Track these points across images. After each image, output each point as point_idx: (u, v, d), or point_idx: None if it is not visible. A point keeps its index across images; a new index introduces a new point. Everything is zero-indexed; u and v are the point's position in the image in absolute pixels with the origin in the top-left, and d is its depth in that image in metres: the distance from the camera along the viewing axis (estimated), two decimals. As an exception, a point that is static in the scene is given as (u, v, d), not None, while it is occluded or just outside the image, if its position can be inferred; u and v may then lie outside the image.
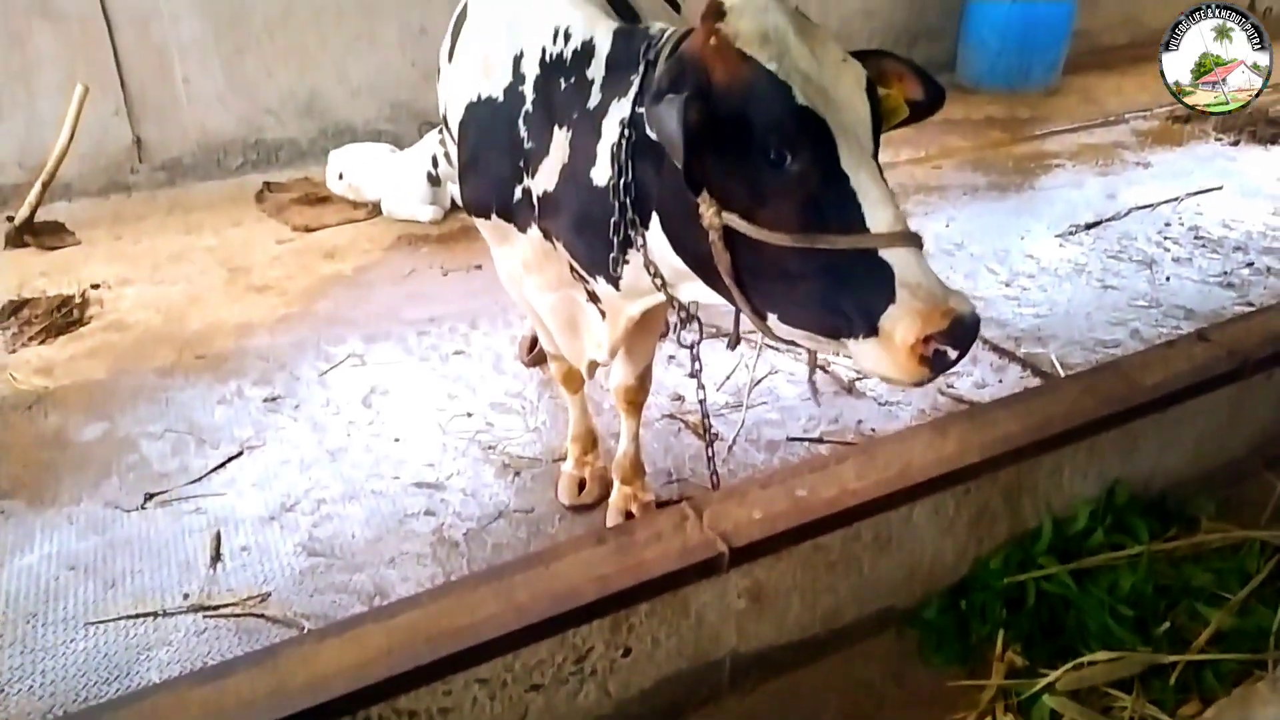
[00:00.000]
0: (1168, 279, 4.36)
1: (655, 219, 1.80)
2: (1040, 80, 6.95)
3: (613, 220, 1.83)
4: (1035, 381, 3.60)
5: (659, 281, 1.89)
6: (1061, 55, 6.98)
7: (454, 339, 3.88)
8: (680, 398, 3.57)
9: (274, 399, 3.54)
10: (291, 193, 5.19)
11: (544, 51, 1.95)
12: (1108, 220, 4.94)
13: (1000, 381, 3.62)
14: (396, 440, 3.34)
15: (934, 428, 1.90)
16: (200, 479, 3.15)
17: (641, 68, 1.78)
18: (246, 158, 5.44)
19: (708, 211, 1.62)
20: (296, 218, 4.93)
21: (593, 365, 2.52)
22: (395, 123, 5.62)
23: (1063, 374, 3.66)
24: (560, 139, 1.93)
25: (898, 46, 7.02)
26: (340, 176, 5.07)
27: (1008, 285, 4.32)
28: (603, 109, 1.85)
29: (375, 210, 4.99)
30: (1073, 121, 6.44)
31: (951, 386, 3.57)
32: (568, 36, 1.92)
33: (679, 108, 1.52)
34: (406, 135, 5.49)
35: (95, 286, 4.32)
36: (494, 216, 2.17)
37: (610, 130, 1.80)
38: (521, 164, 2.02)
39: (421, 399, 3.53)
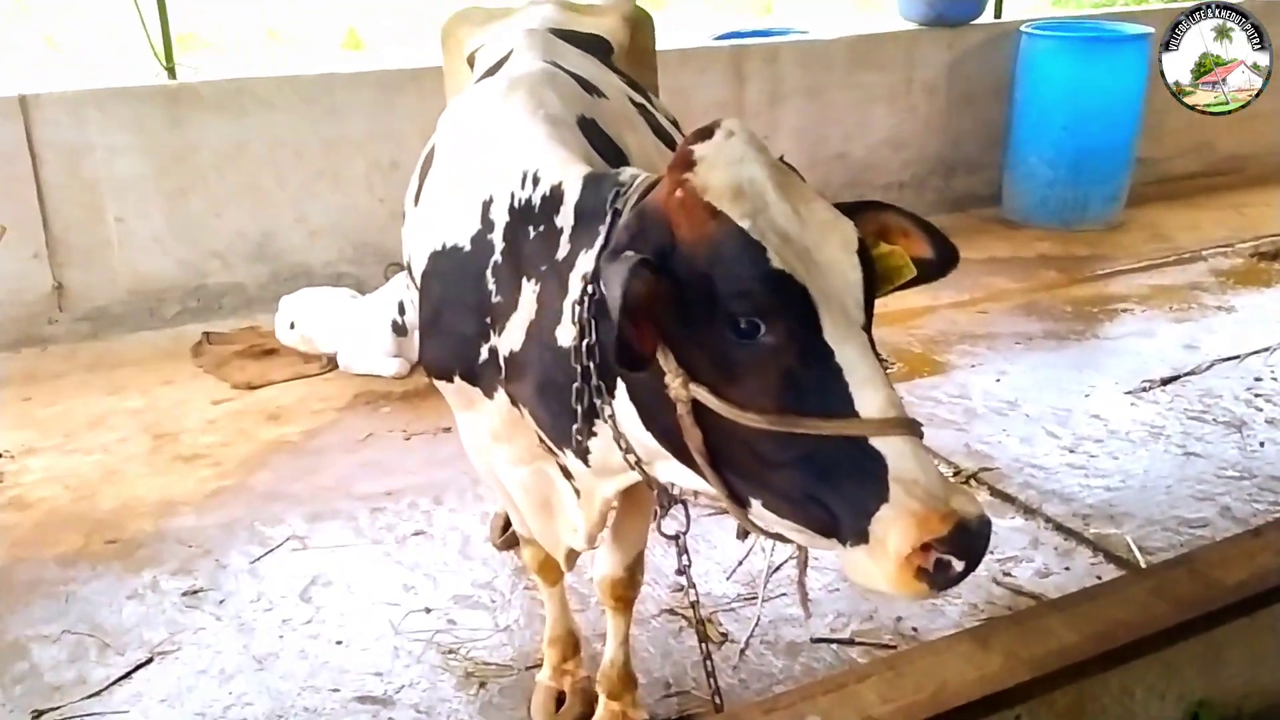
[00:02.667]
0: (1261, 445, 4.37)
1: (622, 387, 1.83)
2: (1099, 214, 7.14)
3: (575, 387, 1.86)
4: (1109, 569, 3.56)
5: (632, 458, 1.91)
6: (1123, 186, 7.20)
7: (414, 517, 3.89)
8: (681, 588, 3.49)
9: (194, 593, 3.52)
10: (235, 345, 5.32)
11: (513, 197, 2.03)
12: (1187, 375, 4.99)
13: (1068, 569, 3.59)
14: (338, 643, 3.30)
15: (975, 638, 1.85)
16: (99, 693, 3.09)
17: (608, 217, 1.84)
18: (185, 306, 5.59)
19: (674, 382, 1.65)
20: (238, 374, 5.03)
21: (571, 554, 2.52)
22: (359, 264, 5.79)
23: (1141, 560, 3.62)
24: (528, 293, 1.99)
25: (933, 179, 7.27)
26: (292, 325, 5.18)
27: (1071, 451, 4.34)
28: (570, 261, 1.91)
29: (331, 364, 5.08)
30: (1139, 260, 6.58)
31: (1009, 575, 3.53)
32: (536, 180, 2.00)
33: (625, 271, 1.56)
34: (371, 278, 5.62)
35: (-5, 457, 4.34)
36: (457, 379, 2.22)
37: (576, 285, 1.86)
38: (488, 320, 2.08)
39: (371, 592, 3.51)
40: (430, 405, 4.71)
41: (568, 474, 2.22)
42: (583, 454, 2.01)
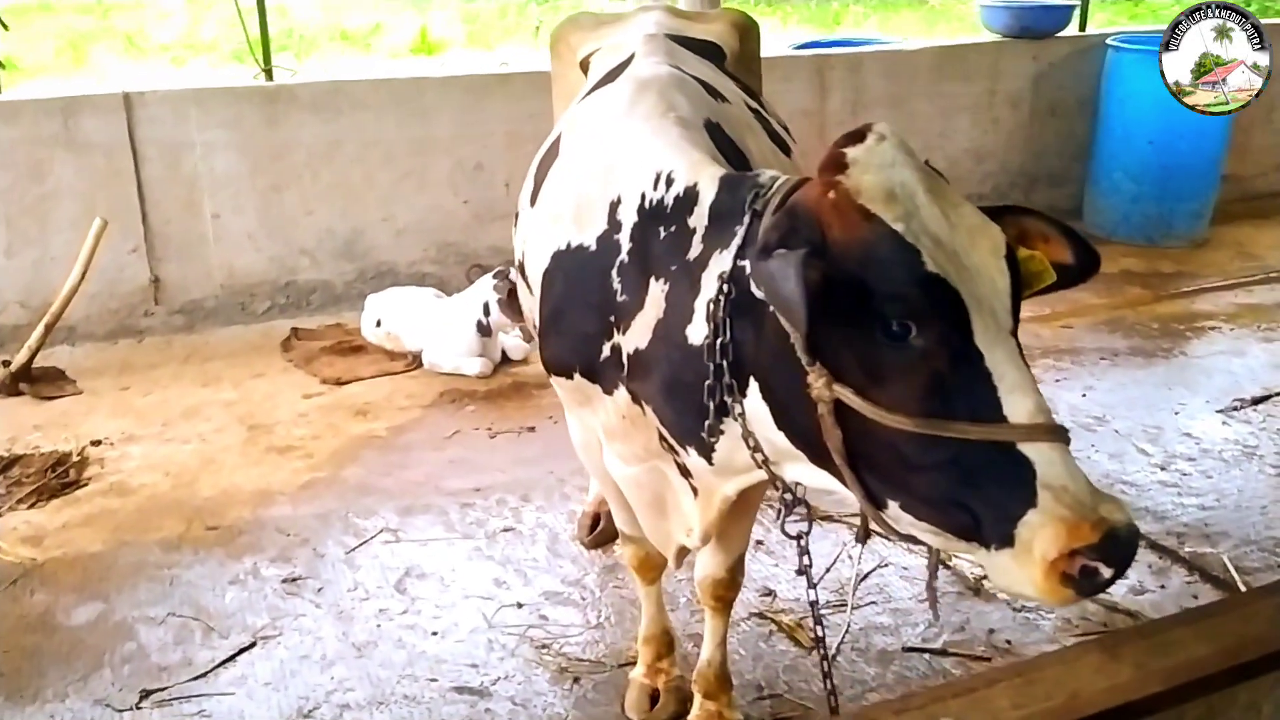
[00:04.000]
0: (1357, 467, 4.28)
1: (754, 386, 1.84)
2: (1184, 231, 7.04)
3: (707, 384, 1.87)
4: (1205, 588, 3.51)
5: (759, 457, 1.92)
6: (1209, 203, 7.09)
7: (503, 514, 3.93)
8: (770, 593, 3.55)
9: (294, 580, 3.59)
10: (322, 341, 5.39)
11: (643, 198, 2.05)
12: (1278, 395, 4.86)
13: (1163, 587, 3.55)
14: (434, 634, 3.35)
15: (1104, 648, 1.83)
16: (205, 674, 3.17)
17: (747, 219, 1.85)
18: (275, 302, 5.68)
19: (817, 383, 1.65)
20: (326, 369, 5.10)
21: (682, 552, 2.53)
22: (442, 265, 5.88)
23: (1238, 579, 3.56)
24: (656, 292, 2.00)
25: (1014, 192, 7.22)
26: (378, 323, 5.26)
27: (1163, 469, 4.29)
28: (703, 261, 1.93)
29: (415, 362, 5.14)
30: (1226, 278, 6.48)
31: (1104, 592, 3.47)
32: (670, 182, 2.02)
33: (796, 265, 1.56)
34: (453, 279, 5.72)
35: (96, 443, 4.44)
36: (577, 376, 2.24)
37: (709, 285, 1.87)
38: (612, 319, 2.10)
39: (464, 585, 3.56)
40: (514, 405, 4.83)
41: (686, 472, 2.22)
42: (708, 452, 2.01)
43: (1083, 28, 7.53)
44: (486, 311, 5.00)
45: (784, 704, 3.07)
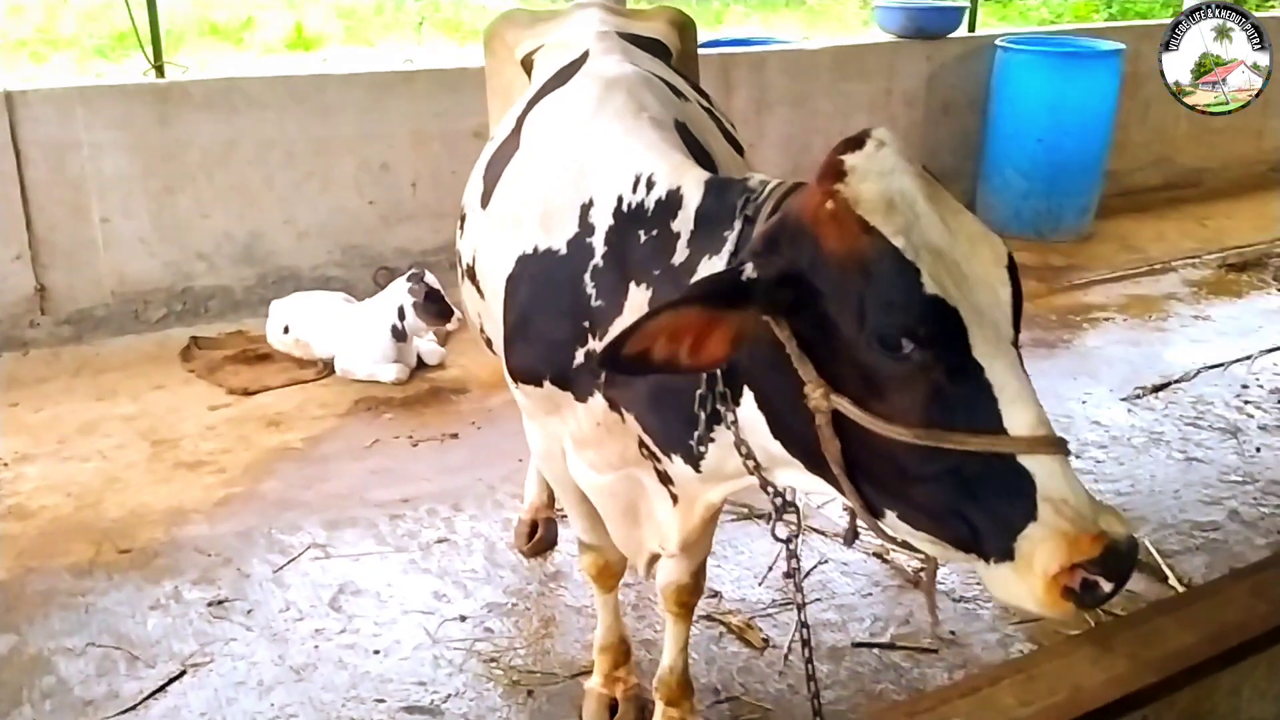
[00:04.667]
0: (1258, 450, 4.48)
1: (749, 394, 1.81)
2: (1072, 226, 7.29)
3: (698, 393, 1.85)
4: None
5: (751, 464, 1.90)
6: (1095, 198, 7.37)
7: (435, 524, 3.84)
8: (716, 594, 3.53)
9: (220, 603, 3.43)
10: (225, 349, 5.20)
11: (620, 200, 2.02)
12: (1176, 382, 5.09)
13: (1094, 572, 3.62)
14: (376, 653, 3.24)
15: (1096, 641, 1.88)
16: (135, 707, 3.00)
17: (738, 224, 1.84)
18: (170, 309, 5.47)
19: (814, 393, 1.63)
20: (232, 379, 4.93)
21: (652, 560, 2.51)
22: (347, 268, 5.71)
23: (1161, 561, 3.68)
24: (638, 297, 1.97)
25: (912, 187, 7.31)
26: (285, 330, 5.12)
27: (1078, 458, 4.39)
28: (690, 267, 1.90)
29: (327, 370, 5.02)
30: (1114, 270, 6.72)
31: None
32: (650, 185, 1.99)
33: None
34: (359, 282, 5.60)
35: (-11, 464, 4.20)
36: (547, 384, 2.20)
37: None
38: (587, 324, 2.07)
39: (402, 600, 3.46)
40: (434, 411, 4.72)
41: (666, 479, 2.20)
42: (696, 460, 1.99)
43: (972, 29, 7.74)
44: (401, 316, 4.88)
45: (743, 706, 3.07)
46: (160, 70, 5.52)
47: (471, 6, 12.49)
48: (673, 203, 1.95)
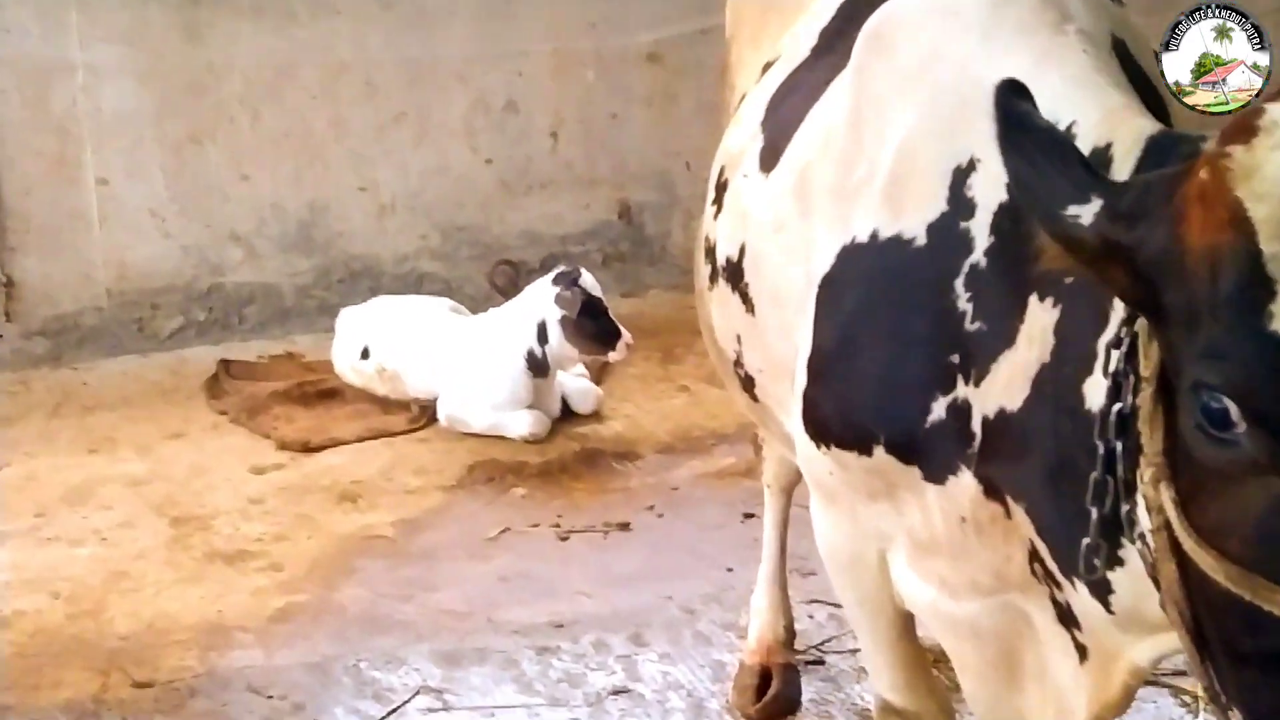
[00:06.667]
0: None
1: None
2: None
3: (1093, 478, 1.49)
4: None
5: (1175, 609, 1.42)
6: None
7: (606, 664, 3.26)
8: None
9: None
10: (271, 380, 4.48)
11: None
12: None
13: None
14: None
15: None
16: None
17: None
18: (190, 317, 4.69)
19: (1145, 474, 1.36)
20: (285, 426, 4.17)
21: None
22: (450, 260, 4.89)
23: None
24: (1040, 319, 1.63)
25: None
26: (363, 354, 4.33)
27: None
28: None
29: (426, 416, 4.24)
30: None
31: None
32: (1069, 138, 1.63)
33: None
34: (467, 282, 4.84)
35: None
36: (879, 451, 1.80)
37: (1118, 312, 1.52)
38: (955, 359, 1.72)
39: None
40: (590, 486, 3.97)
41: (1068, 618, 1.78)
42: (1100, 590, 1.59)
43: None
44: (542, 337, 4.02)
45: None
46: (186, -38, 4.90)
47: None
48: (1097, 167, 1.51)
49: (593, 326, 3.97)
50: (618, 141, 4.69)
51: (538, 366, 4.08)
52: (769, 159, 2.06)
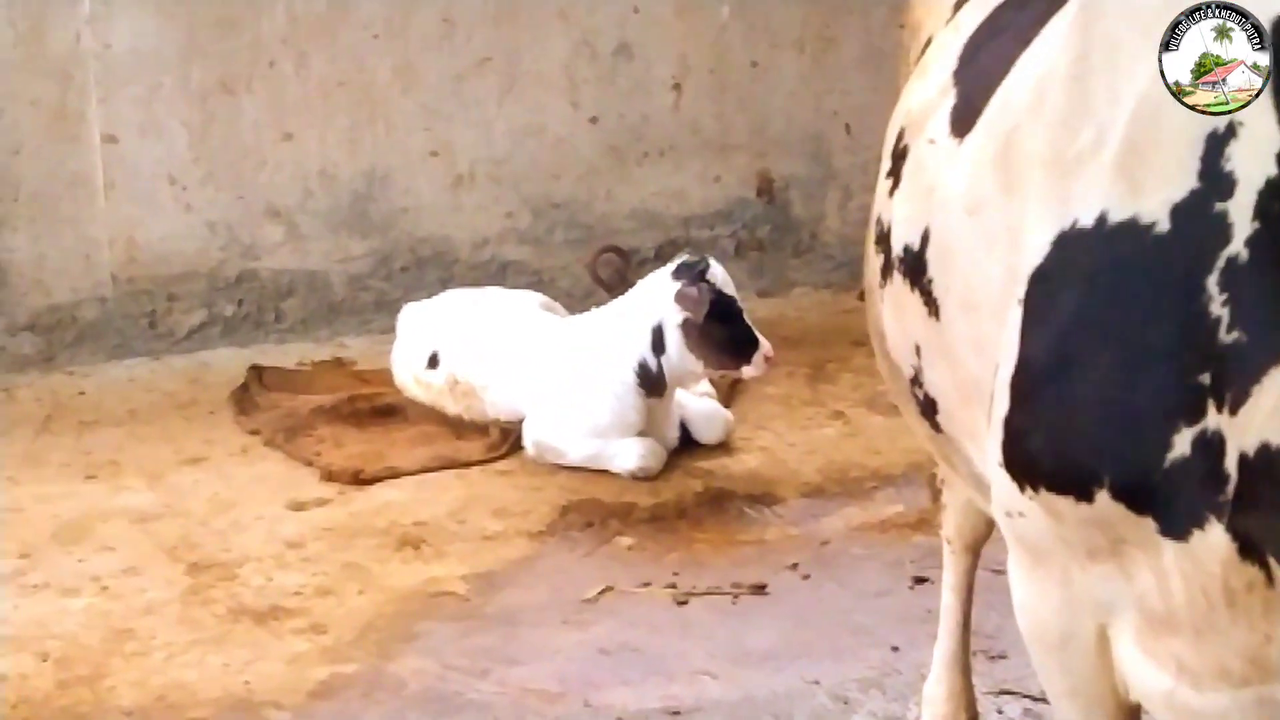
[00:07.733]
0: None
1: None
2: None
3: None
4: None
5: None
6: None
7: None
8: None
9: None
10: (314, 394, 4.22)
11: None
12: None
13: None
14: None
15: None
16: None
17: None
18: (215, 311, 4.41)
19: None
20: (333, 452, 3.92)
21: None
22: (543, 246, 4.56)
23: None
24: None
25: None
26: (432, 362, 4.02)
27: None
28: None
29: (509, 441, 3.93)
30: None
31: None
32: None
33: None
34: (562, 273, 4.53)
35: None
36: (1102, 496, 1.68)
37: None
38: (1205, 379, 1.60)
39: None
40: (716, 537, 3.75)
41: None
42: None
43: None
44: (658, 346, 3.69)
45: None
46: None
47: None
48: None
49: (722, 333, 3.64)
50: (758, 97, 4.28)
51: (651, 383, 3.75)
52: (963, 121, 1.97)
